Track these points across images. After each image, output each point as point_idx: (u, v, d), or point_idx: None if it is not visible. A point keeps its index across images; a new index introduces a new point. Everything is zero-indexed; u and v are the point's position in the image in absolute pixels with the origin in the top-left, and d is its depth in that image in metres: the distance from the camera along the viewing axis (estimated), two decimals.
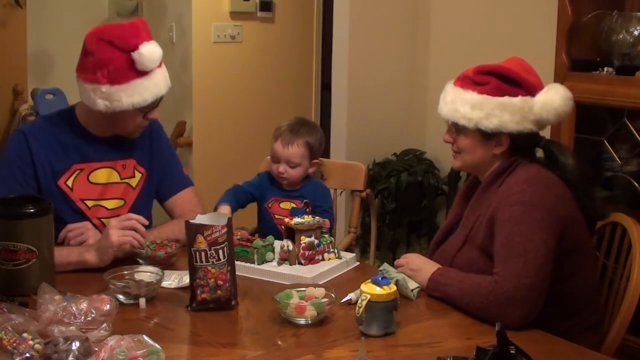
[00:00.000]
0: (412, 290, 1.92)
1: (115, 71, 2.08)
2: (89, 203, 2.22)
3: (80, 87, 2.16)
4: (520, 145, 1.97)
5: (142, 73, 2.11)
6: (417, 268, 1.97)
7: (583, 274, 1.94)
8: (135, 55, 2.07)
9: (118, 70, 2.08)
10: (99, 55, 2.10)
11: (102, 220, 2.22)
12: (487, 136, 1.96)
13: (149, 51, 2.10)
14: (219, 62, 4.66)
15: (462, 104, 1.95)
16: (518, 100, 1.91)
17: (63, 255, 2.04)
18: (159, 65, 2.17)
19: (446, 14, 3.85)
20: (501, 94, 1.92)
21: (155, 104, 2.20)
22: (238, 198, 2.44)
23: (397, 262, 2.03)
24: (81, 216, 2.20)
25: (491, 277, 1.80)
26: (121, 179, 2.27)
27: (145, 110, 2.17)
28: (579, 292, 1.93)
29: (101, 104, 2.10)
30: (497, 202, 1.90)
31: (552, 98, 1.91)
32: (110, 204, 2.24)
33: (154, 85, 2.14)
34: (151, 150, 2.35)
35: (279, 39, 4.90)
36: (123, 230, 2.06)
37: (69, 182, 2.20)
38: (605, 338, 1.94)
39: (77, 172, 2.21)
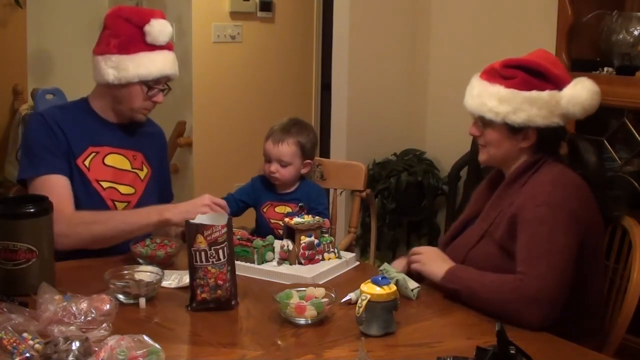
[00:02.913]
0: (412, 290, 1.91)
1: (126, 42, 2.23)
2: (104, 184, 2.28)
3: (94, 64, 2.28)
4: (546, 139, 1.96)
5: (151, 47, 2.24)
6: (433, 259, 1.97)
7: (594, 282, 1.93)
8: (147, 27, 2.22)
9: (129, 41, 2.23)
10: (113, 29, 2.25)
11: (115, 202, 2.28)
12: (514, 130, 1.94)
13: (160, 24, 2.25)
14: (219, 62, 4.66)
15: (489, 98, 1.94)
16: (546, 94, 1.90)
17: (142, 216, 2.17)
18: (169, 48, 2.30)
19: (446, 14, 3.85)
20: (529, 88, 1.91)
21: (160, 83, 2.29)
22: (229, 207, 2.40)
23: (414, 249, 2.03)
24: (96, 197, 2.25)
25: (514, 276, 1.79)
26: (132, 168, 2.34)
27: (149, 84, 2.26)
28: (587, 299, 1.93)
29: (110, 73, 2.22)
30: (522, 201, 1.88)
31: (579, 92, 1.91)
32: (122, 189, 2.31)
33: (161, 61, 2.26)
34: (161, 158, 2.48)
35: (279, 39, 4.90)
36: (210, 207, 2.16)
37: (87, 162, 2.27)
38: (606, 338, 1.94)
39: (93, 154, 2.28)
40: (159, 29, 2.24)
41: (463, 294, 1.86)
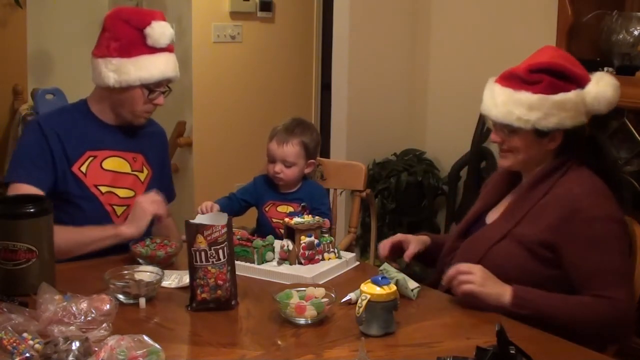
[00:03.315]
0: (412, 290, 1.92)
1: (127, 45, 2.21)
2: (103, 189, 2.27)
3: (93, 67, 2.27)
4: (571, 139, 1.96)
5: (152, 50, 2.23)
6: (488, 279, 1.85)
7: None
8: (147, 30, 2.20)
9: (130, 44, 2.21)
10: (113, 31, 2.24)
11: (114, 207, 2.28)
12: (541, 134, 1.93)
13: (161, 26, 2.23)
14: (219, 62, 4.66)
15: (516, 106, 1.90)
16: (572, 95, 1.90)
17: (98, 230, 2.17)
18: (170, 50, 2.29)
19: (446, 14, 3.85)
20: (555, 91, 1.89)
21: (161, 85, 2.28)
22: (231, 206, 2.41)
23: (459, 268, 1.87)
24: (95, 202, 2.25)
25: (600, 300, 1.80)
26: (132, 171, 2.33)
27: (151, 87, 2.24)
28: None
29: (111, 77, 2.21)
30: (563, 213, 1.87)
31: (604, 89, 1.92)
32: (121, 192, 2.30)
33: (162, 64, 2.25)
34: (163, 156, 2.48)
35: (279, 39, 4.90)
36: (153, 203, 2.20)
37: (83, 168, 2.26)
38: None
39: (91, 158, 2.27)
40: (160, 31, 2.23)
41: (536, 318, 1.79)
